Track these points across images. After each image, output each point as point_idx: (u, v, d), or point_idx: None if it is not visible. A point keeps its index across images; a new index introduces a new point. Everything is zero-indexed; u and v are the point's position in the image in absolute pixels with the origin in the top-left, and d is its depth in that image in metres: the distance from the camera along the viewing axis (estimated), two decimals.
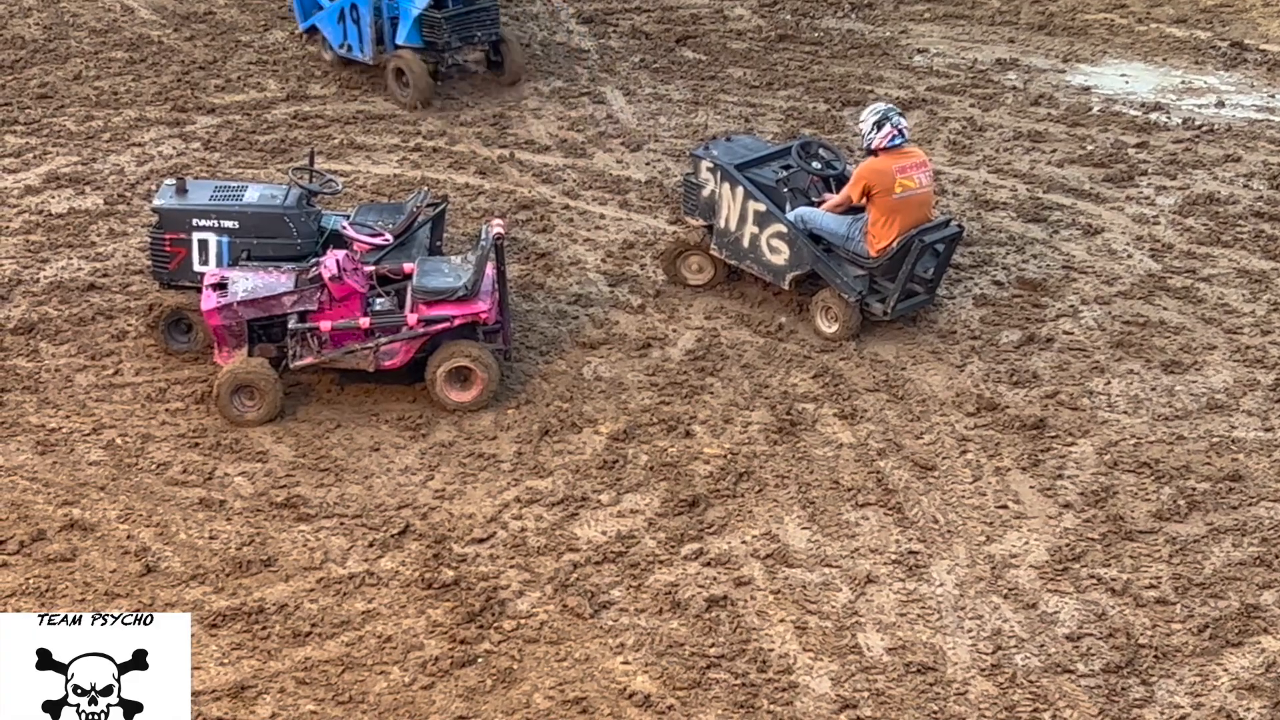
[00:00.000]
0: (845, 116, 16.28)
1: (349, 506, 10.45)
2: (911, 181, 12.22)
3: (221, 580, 9.74)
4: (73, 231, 13.70)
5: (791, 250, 12.61)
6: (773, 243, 12.69)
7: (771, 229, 12.65)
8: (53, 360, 11.94)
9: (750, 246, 12.82)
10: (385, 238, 11.87)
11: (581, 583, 9.82)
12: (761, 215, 12.69)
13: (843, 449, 11.17)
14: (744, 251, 12.89)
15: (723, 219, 12.94)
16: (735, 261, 12.99)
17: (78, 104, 16.22)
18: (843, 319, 12.48)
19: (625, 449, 11.09)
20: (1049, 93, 17.08)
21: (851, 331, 12.47)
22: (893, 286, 12.35)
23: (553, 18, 18.87)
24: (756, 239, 12.77)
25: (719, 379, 11.93)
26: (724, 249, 13.00)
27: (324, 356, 11.36)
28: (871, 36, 18.55)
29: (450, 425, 11.32)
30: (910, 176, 12.23)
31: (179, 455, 10.91)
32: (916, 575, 9.98)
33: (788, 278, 12.69)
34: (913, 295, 12.69)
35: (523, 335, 12.31)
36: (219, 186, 12.26)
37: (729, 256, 13.00)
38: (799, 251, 12.57)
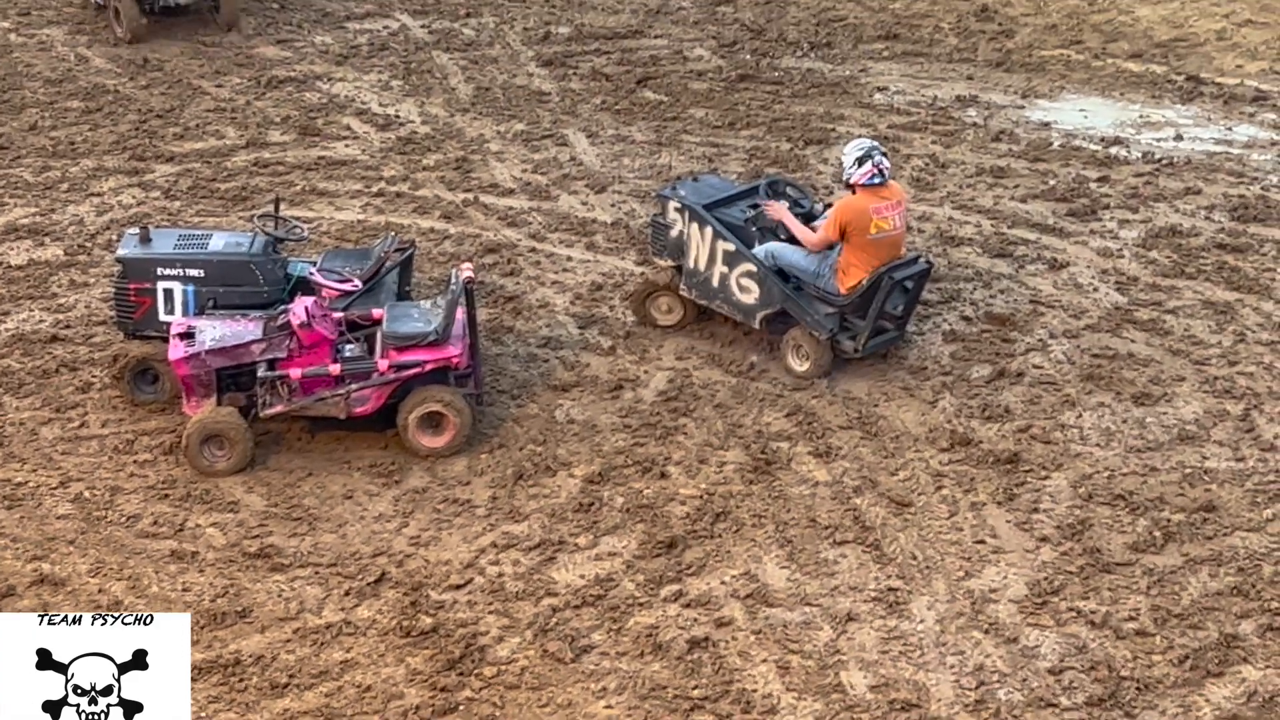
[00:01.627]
0: (808, 155, 16.30)
1: (323, 555, 10.35)
2: (887, 223, 12.17)
3: (196, 633, 9.61)
4: (33, 283, 13.59)
5: (761, 289, 12.58)
6: (742, 282, 12.66)
7: (741, 268, 12.62)
8: (16, 414, 11.81)
9: (720, 286, 12.78)
10: (354, 283, 11.79)
11: (561, 627, 9.75)
12: (731, 255, 12.65)
13: (819, 487, 11.13)
14: (714, 291, 12.84)
15: (692, 259, 12.90)
16: (705, 301, 12.95)
17: (34, 154, 16.11)
18: (814, 357, 12.45)
19: (601, 491, 11.03)
20: (1009, 128, 17.14)
21: (823, 370, 12.44)
22: (863, 324, 12.31)
23: (512, 60, 18.86)
24: (726, 278, 12.73)
25: (692, 419, 11.89)
26: (693, 289, 12.95)
27: (294, 404, 11.27)
28: (831, 75, 18.59)
29: (423, 471, 11.24)
30: (886, 218, 12.17)
31: (149, 507, 10.80)
32: (897, 612, 9.95)
33: (758, 317, 12.66)
34: (883, 332, 12.65)
35: (494, 379, 12.25)
36: (183, 235, 12.17)
37: (699, 296, 12.96)
38: (769, 290, 12.55)
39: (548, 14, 20.53)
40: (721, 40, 19.70)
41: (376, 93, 17.92)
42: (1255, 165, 16.33)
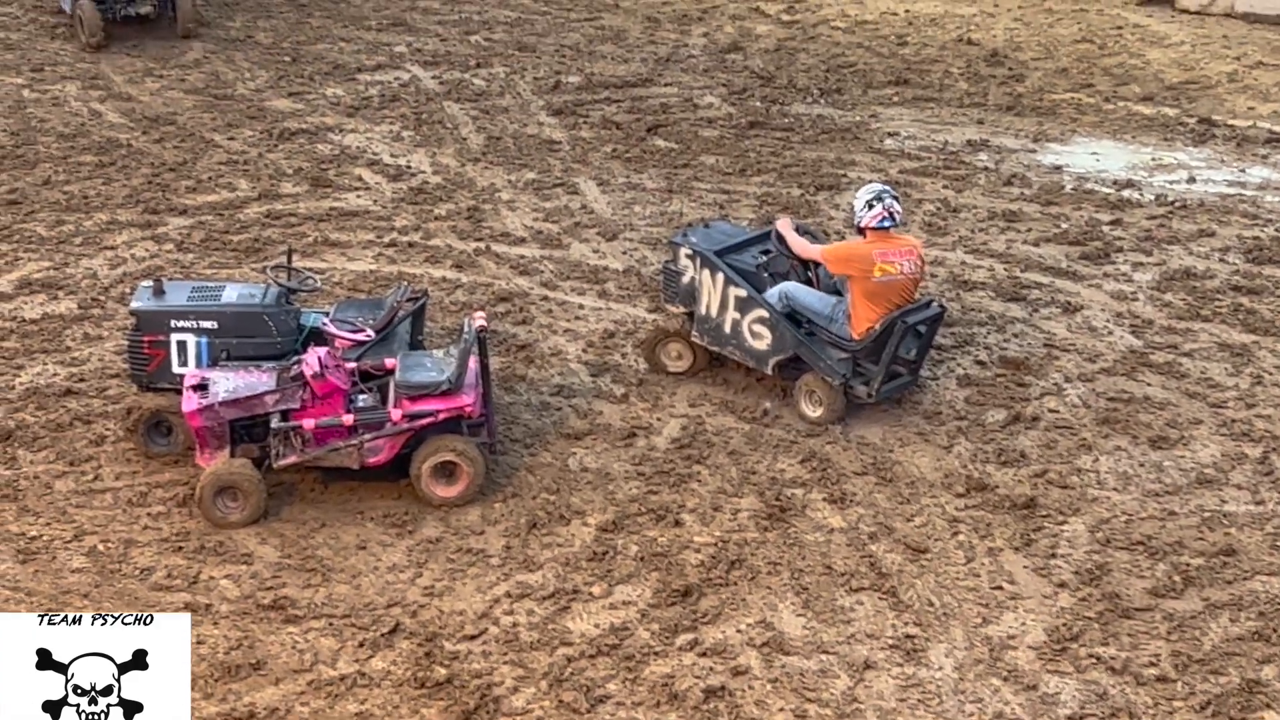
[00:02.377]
0: (819, 201, 16.31)
1: (337, 606, 10.30)
2: (892, 267, 12.11)
3: (210, 685, 9.56)
4: (47, 337, 13.58)
5: (774, 335, 12.57)
6: (755, 328, 12.65)
7: (753, 314, 12.61)
8: (31, 467, 11.79)
9: (732, 332, 12.78)
10: (367, 333, 11.79)
11: (576, 677, 9.68)
12: (743, 301, 12.62)
13: (834, 534, 11.08)
14: (725, 338, 12.84)
15: (703, 305, 12.89)
16: (717, 348, 12.94)
17: (48, 209, 16.13)
18: (828, 403, 12.43)
19: (615, 540, 10.98)
20: (1021, 172, 17.15)
21: (837, 415, 12.42)
22: (877, 369, 12.29)
23: (523, 110, 18.90)
24: (738, 325, 12.72)
25: (706, 467, 11.85)
26: (705, 335, 12.95)
27: (308, 455, 11.24)
28: (842, 121, 18.62)
29: (437, 521, 11.20)
30: (892, 262, 12.11)
31: (163, 560, 10.75)
32: (915, 659, 9.88)
33: (770, 363, 12.67)
34: (896, 377, 12.62)
35: (507, 428, 12.21)
36: (196, 287, 12.16)
37: (710, 343, 12.95)
38: (781, 336, 12.53)
39: (558, 63, 20.61)
40: (731, 87, 19.76)
41: (388, 144, 17.96)
42: (1269, 207, 16.31)
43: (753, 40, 21.70)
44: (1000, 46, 21.33)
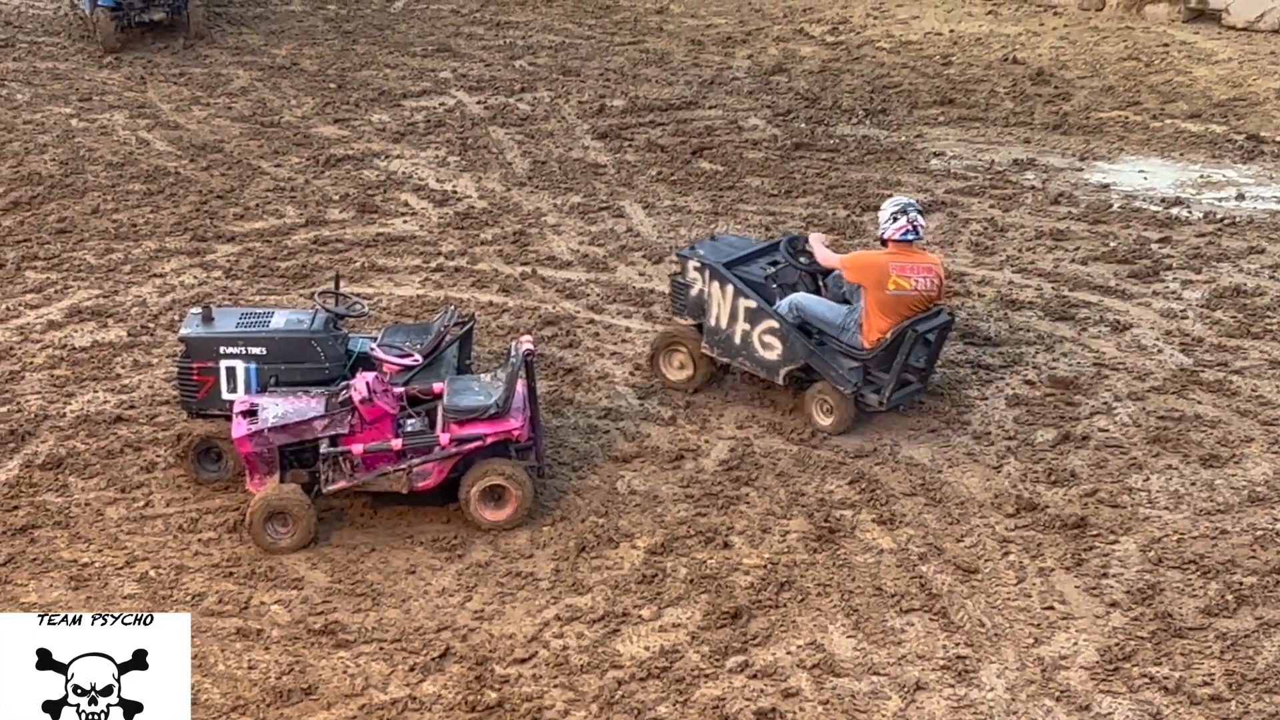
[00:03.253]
0: (865, 222, 16.28)
1: (388, 631, 10.32)
2: (907, 282, 12.24)
3: (262, 710, 9.59)
4: (97, 364, 13.67)
5: (784, 345, 12.66)
6: (765, 339, 12.74)
7: (763, 325, 12.71)
8: (82, 494, 11.85)
9: (742, 344, 12.87)
10: (414, 358, 11.81)
11: (627, 700, 9.67)
12: (752, 312, 12.73)
13: (884, 555, 11.04)
14: (736, 349, 12.93)
15: (713, 317, 12.99)
16: (728, 359, 13.05)
17: (97, 237, 16.24)
18: (839, 411, 12.55)
19: (664, 562, 10.97)
20: (1068, 191, 17.09)
21: (847, 424, 12.55)
22: (888, 377, 12.40)
23: (568, 134, 18.93)
24: (748, 336, 12.82)
25: (754, 488, 11.83)
26: (715, 347, 13.04)
27: (357, 480, 11.27)
28: (887, 142, 18.60)
29: (486, 544, 11.21)
30: (907, 277, 12.25)
31: (214, 585, 10.79)
32: (966, 680, 9.83)
33: (781, 373, 12.75)
34: (906, 385, 12.70)
35: (555, 451, 12.22)
36: (245, 313, 12.21)
37: (721, 354, 13.05)
38: (792, 346, 12.63)
39: (602, 87, 20.65)
40: (776, 109, 19.76)
41: (434, 169, 18.02)
42: None
43: (797, 62, 21.70)
44: (1046, 65, 21.27)
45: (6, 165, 18.06)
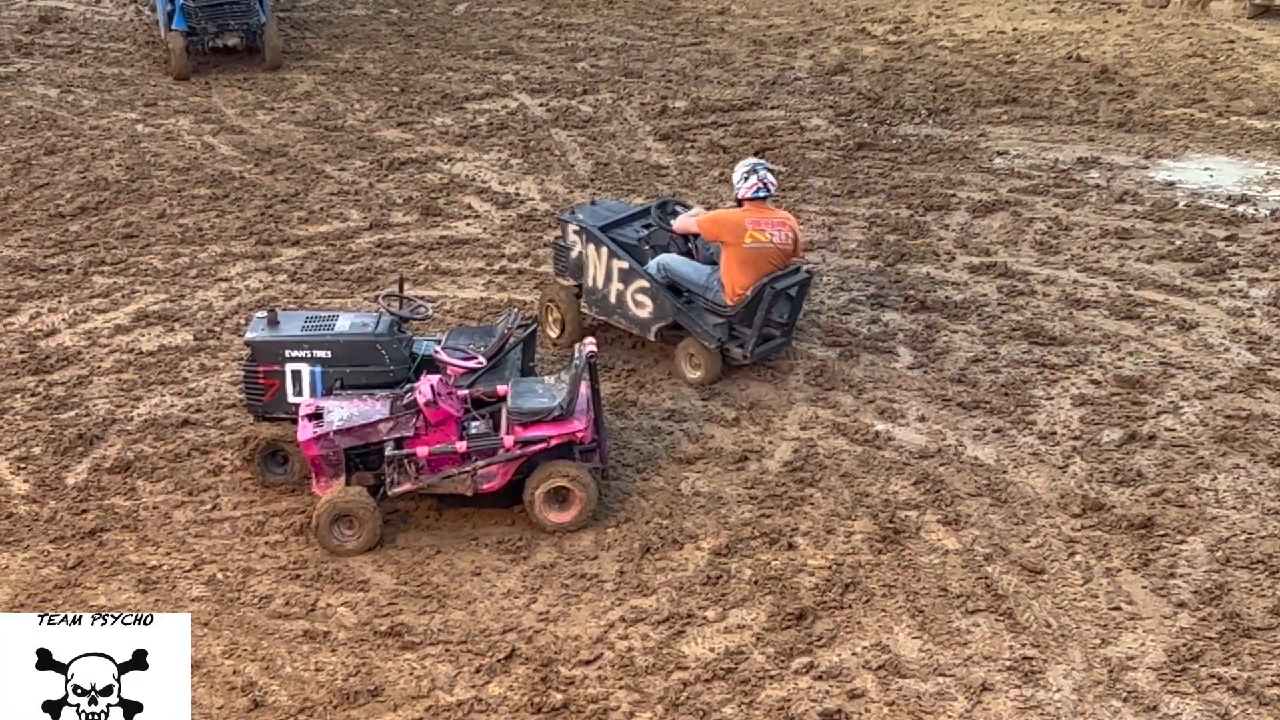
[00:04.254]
0: (929, 221, 16.24)
1: (453, 633, 10.36)
2: (763, 235, 12.97)
3: (329, 712, 9.65)
4: (164, 368, 13.76)
5: (654, 304, 13.43)
6: (637, 298, 13.53)
7: (635, 285, 13.50)
8: (150, 498, 11.95)
9: (617, 302, 13.67)
10: (478, 361, 11.85)
11: (692, 701, 9.68)
12: (625, 272, 13.52)
13: (949, 555, 11.01)
14: (612, 307, 13.74)
15: (590, 278, 13.81)
16: (605, 317, 13.87)
17: (163, 242, 16.36)
18: (705, 365, 13.30)
19: (728, 564, 10.97)
20: (1133, 189, 16.99)
21: (714, 377, 13.28)
22: (750, 332, 13.12)
23: (630, 136, 18.94)
24: (622, 295, 13.62)
25: (818, 489, 11.81)
26: (594, 306, 13.90)
27: (422, 482, 11.32)
28: (950, 141, 18.53)
29: (551, 546, 11.24)
30: (763, 230, 12.98)
31: (281, 588, 10.86)
32: (1032, 681, 9.79)
33: (653, 329, 13.55)
34: (771, 339, 13.50)
35: (619, 453, 12.24)
36: (310, 317, 12.27)
37: (599, 313, 13.89)
38: (661, 304, 13.40)
39: (664, 89, 20.64)
40: (838, 109, 19.71)
41: (496, 171, 18.06)
42: None
43: (859, 62, 21.65)
44: (1110, 63, 21.14)
45: (74, 171, 18.21)
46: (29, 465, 12.32)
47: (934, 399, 12.96)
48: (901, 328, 14.11)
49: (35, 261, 15.82)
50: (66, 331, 14.42)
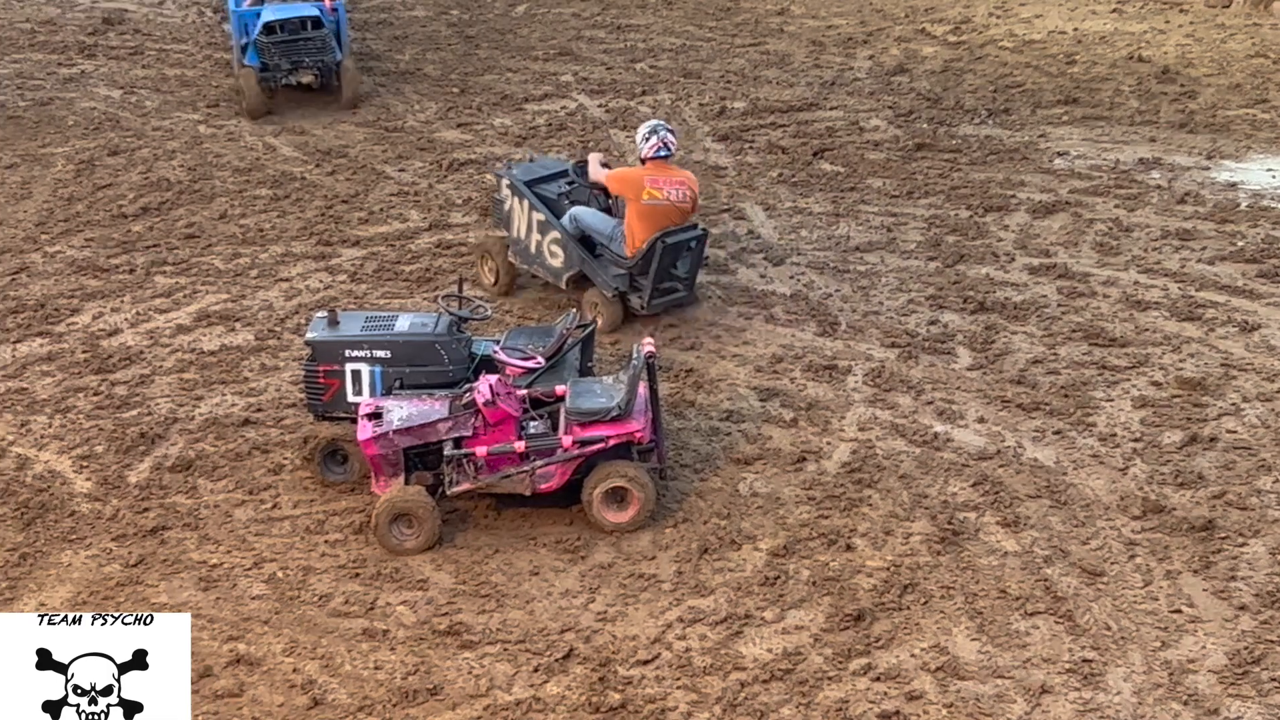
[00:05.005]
0: (988, 222, 16.18)
1: (511, 632, 10.39)
2: (659, 193, 13.89)
3: (389, 710, 9.70)
4: (225, 368, 13.85)
5: (565, 254, 14.50)
6: (551, 248, 14.60)
7: (550, 235, 14.55)
8: (211, 496, 12.03)
9: (536, 252, 14.75)
10: (537, 361, 11.88)
11: (750, 702, 9.68)
12: (542, 224, 14.58)
13: (1008, 557, 10.97)
14: (531, 257, 14.83)
15: (515, 229, 14.93)
16: (526, 266, 14.94)
17: (225, 242, 16.45)
18: (607, 313, 14.25)
19: (786, 564, 10.96)
20: (1195, 190, 16.88)
21: (615, 324, 14.24)
22: (645, 283, 14.04)
23: (688, 136, 18.93)
24: (540, 245, 14.67)
25: (877, 491, 11.79)
26: (517, 255, 14.98)
27: (480, 482, 11.36)
28: (1010, 141, 18.45)
29: (609, 546, 11.26)
30: (660, 188, 13.91)
31: (340, 586, 10.92)
32: (1092, 684, 9.75)
33: (564, 278, 14.59)
34: (672, 293, 14.43)
35: (676, 453, 12.25)
36: (369, 317, 12.33)
37: (522, 262, 14.97)
38: (570, 254, 14.46)
39: (723, 89, 20.63)
40: (898, 110, 19.66)
41: None
42: None
43: (919, 62, 21.58)
44: (1172, 63, 21.01)
45: (136, 171, 18.34)
46: (92, 464, 12.42)
47: (993, 400, 12.92)
48: (961, 329, 14.07)
49: (98, 261, 15.95)
50: (129, 331, 14.54)
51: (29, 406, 13.26)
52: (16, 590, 10.92)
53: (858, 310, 14.42)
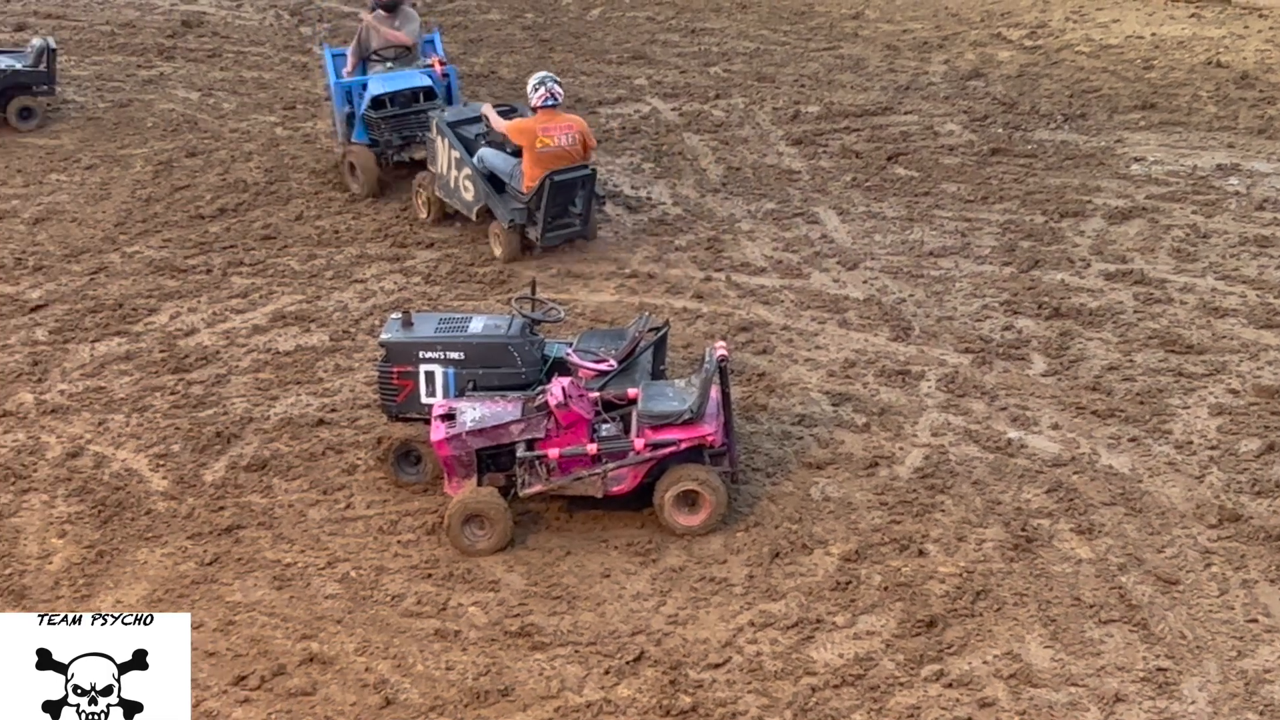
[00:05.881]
0: (1064, 228, 16.08)
1: (583, 634, 10.41)
2: (551, 140, 15.43)
3: (460, 711, 9.74)
4: (300, 368, 13.94)
5: (475, 189, 16.02)
6: (465, 183, 16.15)
7: (464, 171, 16.08)
8: (285, 495, 12.11)
9: (455, 187, 16.30)
10: (609, 363, 11.89)
11: (821, 707, 9.66)
12: (458, 161, 16.08)
13: (1082, 565, 10.90)
14: (451, 191, 16.40)
15: (438, 165, 16.48)
16: (448, 199, 16.51)
17: (300, 243, 16.56)
18: (506, 244, 15.82)
19: (858, 569, 10.94)
20: (1273, 197, 16.72)
21: (514, 254, 15.81)
22: (540, 216, 15.46)
23: (762, 140, 18.91)
24: (457, 180, 16.22)
25: (949, 496, 11.74)
26: (440, 190, 16.55)
27: (552, 484, 11.38)
28: (1086, 147, 18.34)
29: (680, 549, 11.26)
30: (551, 135, 15.43)
31: (413, 586, 10.97)
32: (1167, 693, 9.68)
33: (474, 210, 16.14)
34: (568, 228, 15.91)
35: (748, 457, 12.24)
36: (443, 319, 12.39)
37: (444, 196, 16.53)
38: (478, 189, 15.97)
39: (797, 93, 20.60)
40: (973, 114, 19.57)
41: (628, 175, 18.10)
42: None
43: (994, 66, 21.48)
44: (1250, 69, 20.82)
45: (214, 173, 18.47)
46: (168, 462, 12.53)
47: (1068, 407, 12.84)
48: (1035, 334, 14.00)
49: (176, 262, 16.08)
50: (205, 331, 14.65)
51: (107, 405, 13.39)
52: (93, 587, 11.03)
53: (931, 315, 14.37)
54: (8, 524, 11.80)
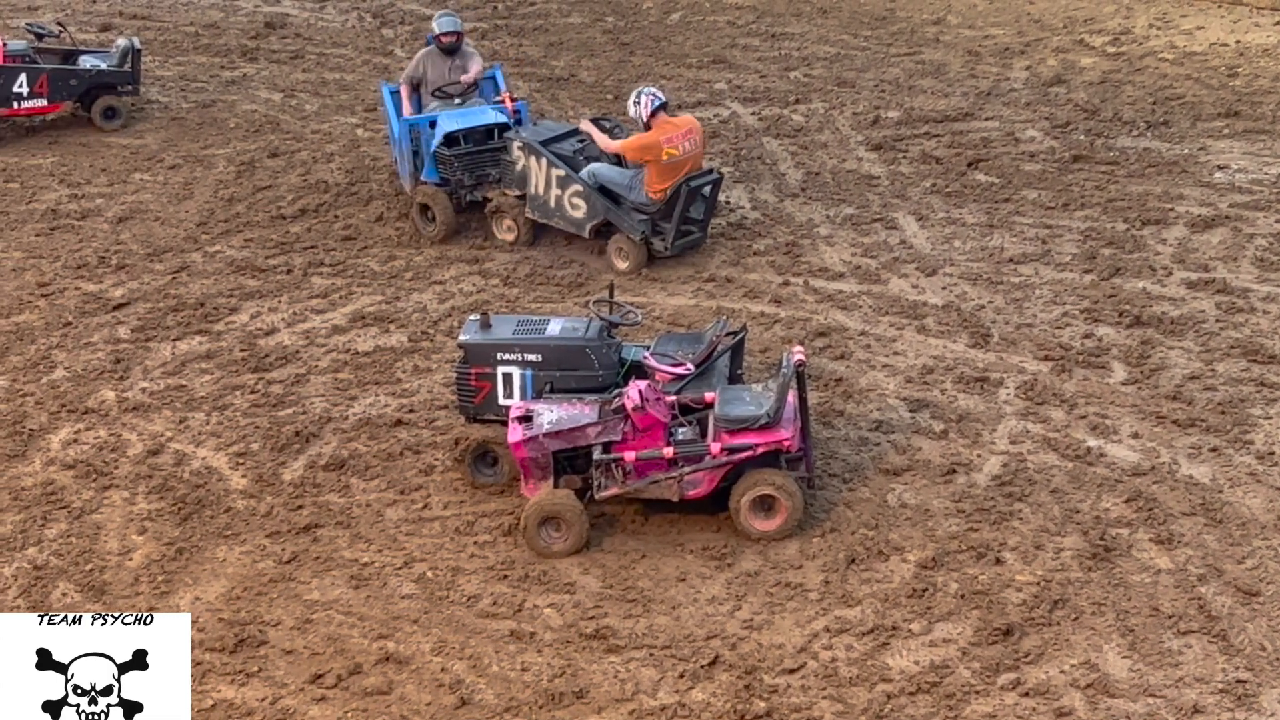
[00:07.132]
0: (1145, 235, 15.96)
1: (658, 637, 10.41)
2: (676, 150, 15.33)
3: (535, 712, 9.76)
4: (379, 369, 14.01)
5: (588, 205, 15.83)
6: (573, 200, 15.90)
7: (571, 189, 15.89)
8: (363, 495, 12.18)
9: (556, 206, 16.04)
10: (686, 367, 11.89)
11: (896, 714, 9.63)
12: (562, 179, 15.88)
13: (1161, 575, 10.82)
14: (552, 211, 16.12)
15: (533, 186, 16.12)
16: (546, 220, 16.20)
17: (380, 244, 16.65)
18: (632, 256, 15.74)
19: (934, 577, 10.89)
20: None
21: (640, 266, 15.72)
22: (669, 226, 15.50)
23: (841, 145, 18.87)
24: (560, 199, 15.97)
25: (1027, 504, 11.68)
26: (536, 211, 16.22)
27: (629, 487, 11.40)
28: (1169, 154, 18.20)
29: (755, 554, 11.24)
30: (675, 145, 15.32)
31: (489, 587, 11.00)
32: (1246, 705, 9.59)
33: (587, 228, 15.94)
34: (689, 234, 15.90)
35: (825, 463, 12.21)
36: (521, 321, 12.42)
37: (541, 217, 16.23)
38: (593, 205, 15.80)
39: (877, 98, 20.55)
40: (1054, 121, 19.46)
41: None
42: None
43: (1077, 73, 21.35)
44: None
45: (295, 174, 18.61)
46: (247, 461, 12.62)
47: (1148, 416, 12.75)
48: (1115, 343, 13.90)
49: (257, 261, 16.21)
50: (285, 331, 14.76)
51: (187, 404, 13.51)
52: (173, 584, 11.13)
53: (1011, 322, 14.30)
54: (89, 520, 11.93)
